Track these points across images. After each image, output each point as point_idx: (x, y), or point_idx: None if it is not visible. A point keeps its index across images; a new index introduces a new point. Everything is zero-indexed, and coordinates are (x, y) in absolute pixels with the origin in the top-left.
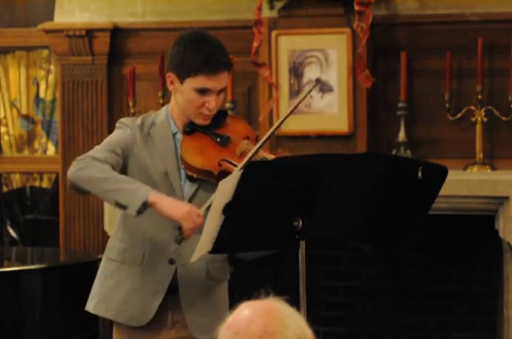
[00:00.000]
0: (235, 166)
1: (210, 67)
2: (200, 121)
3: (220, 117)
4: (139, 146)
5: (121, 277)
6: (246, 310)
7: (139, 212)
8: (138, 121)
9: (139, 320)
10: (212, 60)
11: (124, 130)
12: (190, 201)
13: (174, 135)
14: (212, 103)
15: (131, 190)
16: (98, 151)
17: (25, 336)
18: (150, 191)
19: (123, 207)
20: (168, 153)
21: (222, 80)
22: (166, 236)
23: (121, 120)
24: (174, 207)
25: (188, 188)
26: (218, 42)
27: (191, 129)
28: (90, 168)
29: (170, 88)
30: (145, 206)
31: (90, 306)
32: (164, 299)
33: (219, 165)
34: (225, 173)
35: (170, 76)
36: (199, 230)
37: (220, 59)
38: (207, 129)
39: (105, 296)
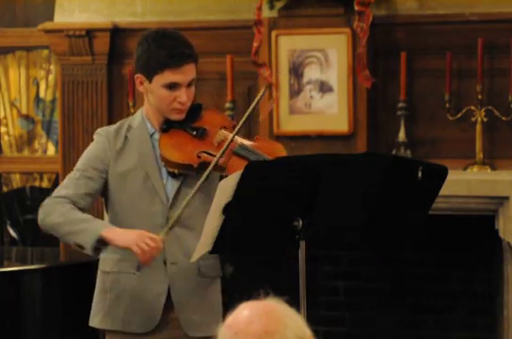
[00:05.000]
0: (214, 156)
1: (174, 60)
2: (175, 117)
3: (195, 110)
4: (115, 155)
5: (121, 287)
6: (245, 310)
7: (96, 249)
8: (114, 127)
9: (147, 325)
10: (175, 54)
11: (98, 144)
12: (175, 198)
13: (152, 135)
14: (183, 97)
15: (83, 230)
16: (66, 185)
17: (25, 336)
18: (102, 227)
19: (81, 247)
20: (147, 155)
21: (189, 72)
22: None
23: (98, 130)
24: (123, 236)
25: (171, 186)
26: (181, 36)
27: (167, 126)
28: (52, 214)
29: (140, 89)
30: (100, 243)
31: (95, 322)
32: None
33: (198, 157)
34: (205, 165)
35: (139, 77)
36: (158, 253)
37: (184, 51)
38: (183, 124)
39: (109, 309)
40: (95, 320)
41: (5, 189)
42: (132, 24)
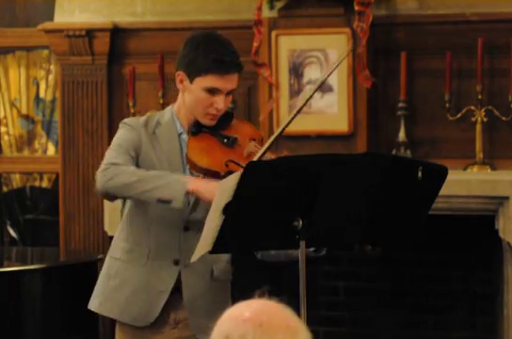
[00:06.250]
0: (242, 167)
1: (222, 67)
2: (206, 122)
3: (226, 118)
4: (145, 146)
5: (125, 276)
6: (255, 305)
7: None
8: (142, 120)
9: (143, 320)
10: (224, 60)
11: (130, 130)
12: (196, 202)
13: (179, 135)
14: (220, 103)
15: (168, 185)
16: (115, 156)
17: (25, 336)
18: (187, 180)
19: (167, 202)
20: (174, 154)
21: (232, 81)
22: (170, 237)
23: (125, 120)
24: (210, 190)
25: None
26: (231, 44)
27: (197, 130)
28: (120, 174)
29: (179, 86)
30: (187, 195)
31: (94, 305)
32: (167, 299)
33: (226, 165)
34: (231, 174)
35: (180, 75)
36: None
37: (233, 60)
38: (213, 130)
39: (109, 295)
40: (94, 303)
41: (5, 189)
42: (132, 24)
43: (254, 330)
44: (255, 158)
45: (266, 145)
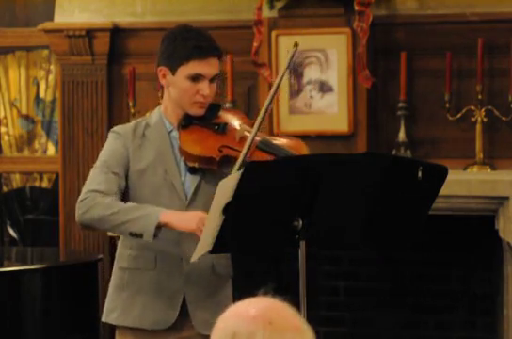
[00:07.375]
0: (237, 150)
1: (201, 52)
2: (195, 111)
3: (214, 109)
4: (133, 152)
5: (138, 284)
6: (260, 302)
7: (155, 236)
8: (131, 125)
9: (165, 322)
10: (202, 46)
11: (116, 139)
12: (195, 194)
13: (169, 133)
14: (205, 89)
15: (141, 218)
16: (97, 180)
17: (25, 336)
18: (158, 213)
19: (139, 236)
20: (166, 152)
21: (214, 65)
22: (174, 235)
23: (113, 128)
24: (183, 221)
25: (190, 183)
26: (206, 32)
27: (187, 123)
28: (96, 206)
29: (162, 82)
30: (159, 229)
31: (112, 318)
32: None
33: (220, 151)
34: (227, 158)
35: (162, 70)
36: None
37: (210, 45)
38: (202, 121)
39: (126, 307)
40: (112, 316)
41: (5, 189)
42: (132, 24)
43: (264, 328)
44: (249, 139)
45: (257, 124)
